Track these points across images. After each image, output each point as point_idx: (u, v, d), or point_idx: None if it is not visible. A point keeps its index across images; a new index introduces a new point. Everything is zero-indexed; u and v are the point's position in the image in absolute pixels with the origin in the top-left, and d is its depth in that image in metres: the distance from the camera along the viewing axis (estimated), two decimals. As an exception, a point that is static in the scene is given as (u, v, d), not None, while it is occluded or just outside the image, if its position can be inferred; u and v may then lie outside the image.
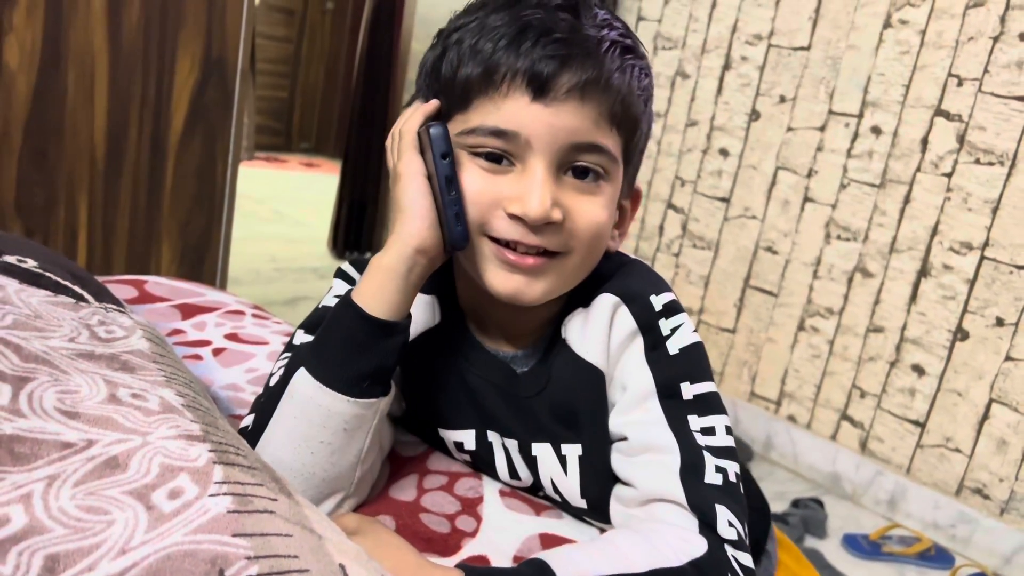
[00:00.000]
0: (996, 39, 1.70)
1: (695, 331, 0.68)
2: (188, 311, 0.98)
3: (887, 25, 1.87)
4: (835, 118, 1.98)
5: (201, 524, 0.42)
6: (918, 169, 1.83)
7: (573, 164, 0.63)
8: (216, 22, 1.61)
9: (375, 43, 3.18)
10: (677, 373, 0.66)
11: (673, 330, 0.67)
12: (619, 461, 0.67)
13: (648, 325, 0.67)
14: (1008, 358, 1.71)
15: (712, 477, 0.62)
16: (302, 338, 0.71)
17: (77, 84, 1.48)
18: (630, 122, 0.65)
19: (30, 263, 0.67)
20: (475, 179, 0.63)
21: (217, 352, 0.89)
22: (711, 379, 0.67)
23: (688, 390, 0.65)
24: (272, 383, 0.67)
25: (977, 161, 1.73)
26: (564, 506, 0.74)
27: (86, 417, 0.48)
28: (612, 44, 0.63)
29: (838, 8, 1.96)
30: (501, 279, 0.64)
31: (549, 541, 0.67)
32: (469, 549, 0.64)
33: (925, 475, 1.85)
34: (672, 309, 0.67)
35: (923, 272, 1.83)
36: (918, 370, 1.85)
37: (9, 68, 1.40)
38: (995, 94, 1.70)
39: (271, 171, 5.08)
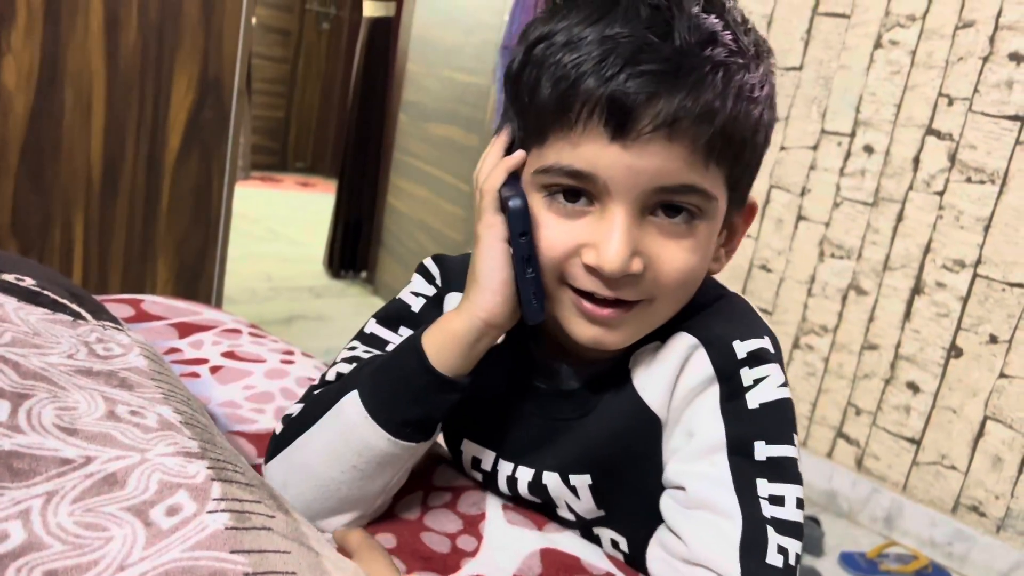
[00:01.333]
0: (985, 59, 1.72)
1: (784, 385, 0.61)
2: (185, 329, 0.98)
3: (878, 45, 1.89)
4: (828, 137, 1.99)
5: (199, 540, 0.42)
6: (910, 187, 1.85)
7: (662, 204, 0.56)
8: (212, 43, 1.62)
9: (371, 63, 3.20)
10: (753, 429, 0.59)
11: (756, 381, 0.60)
12: (672, 510, 0.61)
13: (727, 373, 0.60)
14: (1002, 375, 1.71)
15: (773, 557, 0.55)
16: (374, 328, 0.71)
17: (74, 105, 1.49)
18: (735, 148, 0.56)
19: (29, 281, 0.68)
20: (551, 227, 0.58)
21: (214, 370, 0.89)
22: (792, 443, 0.59)
23: (762, 450, 0.58)
24: (331, 376, 0.67)
25: (968, 179, 1.75)
26: (578, 523, 0.71)
27: (85, 434, 0.48)
28: (715, 67, 0.54)
29: (829, 29, 1.98)
30: (580, 327, 0.60)
31: (550, 557, 0.67)
32: (469, 569, 0.64)
33: (921, 492, 1.85)
34: (758, 358, 0.60)
35: (916, 290, 1.84)
36: (913, 387, 1.86)
37: (6, 88, 1.41)
38: (985, 113, 1.72)
39: (267, 190, 5.09)
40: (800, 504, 0.57)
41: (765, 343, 0.61)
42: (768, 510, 0.56)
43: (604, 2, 0.56)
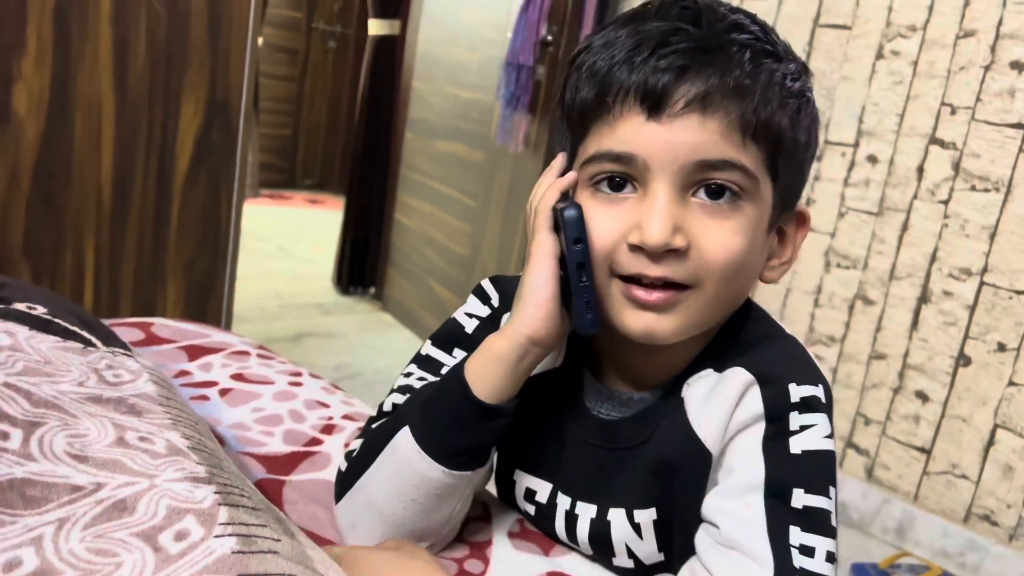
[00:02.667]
0: (987, 68, 1.72)
1: (830, 437, 0.59)
2: (194, 352, 0.99)
3: (879, 56, 1.90)
4: (831, 148, 2.00)
5: (207, 565, 0.43)
6: (915, 196, 1.85)
7: (704, 183, 0.57)
8: (220, 66, 1.64)
9: (377, 81, 3.22)
10: (793, 475, 0.58)
11: (803, 427, 0.59)
12: (706, 544, 0.60)
13: (776, 414, 0.59)
14: (1011, 383, 1.71)
15: None
16: (429, 350, 0.72)
17: (84, 130, 1.51)
18: (771, 132, 0.57)
19: (40, 310, 0.69)
20: (598, 218, 0.59)
21: (224, 392, 0.90)
22: (829, 495, 0.58)
23: (799, 498, 0.57)
24: (387, 406, 0.69)
25: (973, 188, 1.75)
26: (639, 570, 0.69)
27: (95, 460, 0.49)
28: (741, 47, 0.56)
29: (831, 40, 1.99)
30: (631, 318, 0.59)
31: (553, 577, 0.68)
32: (473, 587, 0.65)
33: (933, 502, 1.84)
34: (810, 405, 0.59)
35: (923, 299, 1.84)
36: (922, 396, 1.85)
37: (18, 114, 1.44)
38: (988, 122, 1.73)
39: (275, 208, 5.12)
40: (830, 558, 0.56)
41: (819, 392, 0.60)
42: (799, 560, 0.56)
43: (639, 9, 0.61)
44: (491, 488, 0.79)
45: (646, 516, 0.65)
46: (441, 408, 0.62)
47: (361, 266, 3.32)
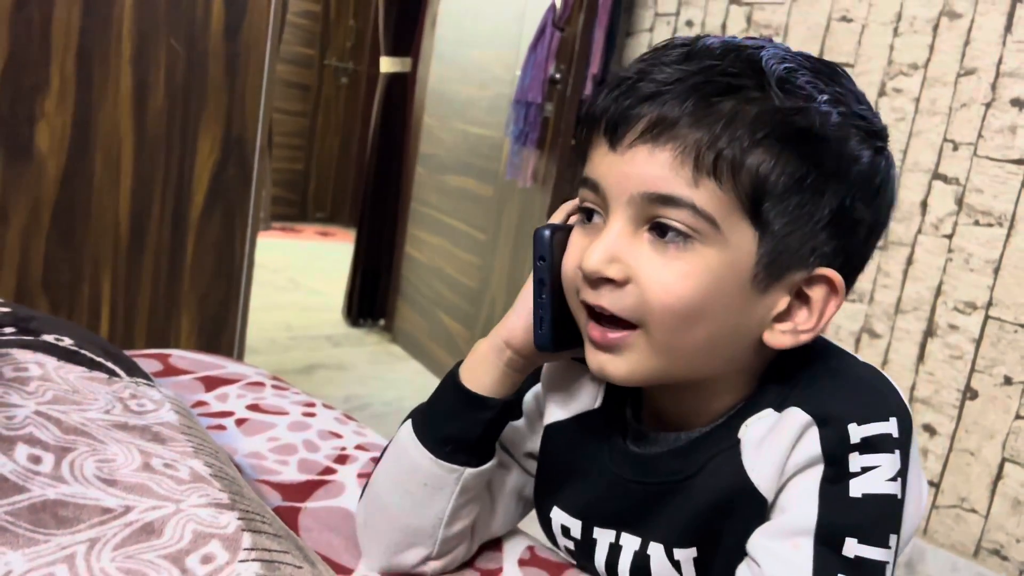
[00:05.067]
0: (988, 105, 1.75)
1: (896, 479, 0.55)
2: (211, 383, 1.02)
3: (882, 93, 1.93)
4: (836, 183, 2.02)
5: (231, 585, 0.45)
6: (919, 231, 1.87)
7: (656, 220, 0.55)
8: (236, 104, 1.69)
9: (388, 117, 3.28)
10: (848, 522, 0.54)
11: (865, 469, 0.54)
12: None
13: (835, 456, 0.55)
14: (1018, 416, 1.71)
15: None
16: None
17: (104, 167, 1.55)
18: (740, 171, 0.53)
19: (67, 341, 0.72)
20: (571, 244, 0.60)
21: (240, 422, 0.92)
22: (887, 545, 0.54)
23: (853, 548, 0.53)
24: None
25: (976, 222, 1.77)
26: None
27: (123, 484, 0.52)
28: (710, 81, 0.54)
29: (834, 78, 2.03)
30: (590, 355, 0.60)
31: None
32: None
33: (942, 536, 1.84)
34: (873, 445, 0.55)
35: (929, 332, 1.86)
36: (929, 430, 1.86)
37: (40, 152, 1.48)
38: (990, 158, 1.75)
39: (287, 241, 5.17)
40: None
41: (888, 428, 0.55)
42: None
43: (652, 49, 0.60)
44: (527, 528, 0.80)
45: (686, 554, 0.63)
46: (435, 400, 0.68)
47: (371, 298, 3.35)
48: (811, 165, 0.54)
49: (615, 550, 0.67)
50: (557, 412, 0.71)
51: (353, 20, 5.80)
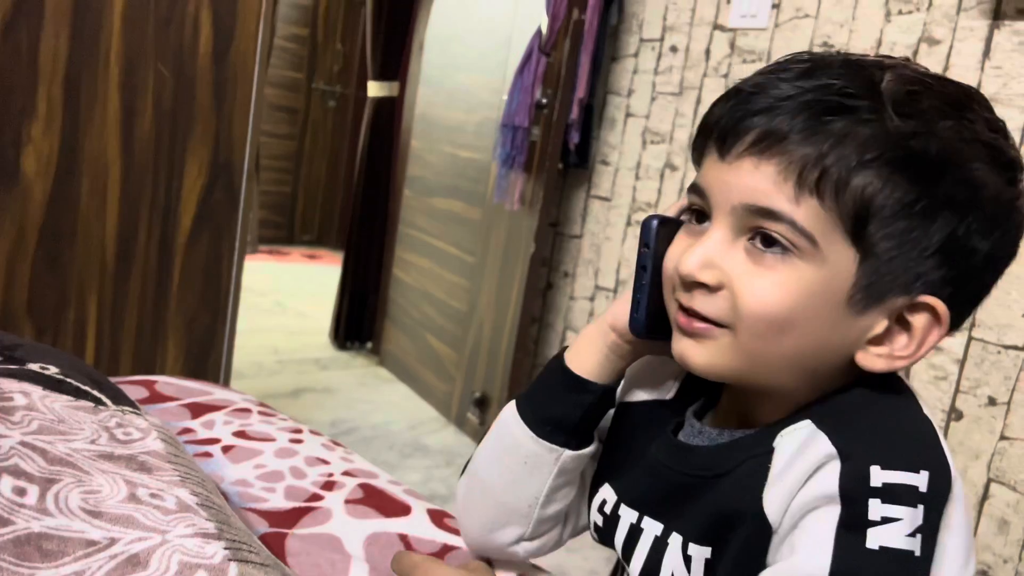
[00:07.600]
0: (968, 129, 1.78)
1: (915, 535, 0.50)
2: (197, 410, 1.01)
3: (864, 117, 1.96)
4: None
5: (217, 617, 0.45)
6: (903, 253, 1.89)
7: (759, 230, 0.56)
8: (224, 128, 1.69)
9: (375, 140, 3.29)
10: (862, 574, 0.50)
11: (885, 520, 0.50)
12: None
13: (852, 498, 0.51)
14: (1003, 437, 1.73)
15: None
16: None
17: (91, 191, 1.55)
18: (845, 191, 0.52)
19: (52, 370, 0.71)
20: (676, 244, 0.62)
21: (226, 449, 0.92)
22: None
23: None
24: None
25: (959, 245, 1.79)
26: None
27: (109, 516, 0.51)
28: (819, 100, 0.53)
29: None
30: (675, 342, 0.61)
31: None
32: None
33: (929, 557, 1.84)
34: (896, 495, 0.50)
35: (914, 353, 1.87)
36: (915, 451, 1.86)
37: (27, 176, 1.47)
38: (971, 181, 1.77)
39: (274, 264, 5.17)
40: None
41: (915, 480, 0.51)
42: None
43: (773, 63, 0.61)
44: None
45: (700, 553, 0.61)
46: (540, 380, 0.71)
47: (359, 321, 3.34)
48: (922, 190, 0.53)
49: (635, 532, 0.66)
50: (633, 393, 0.74)
51: (340, 44, 5.83)
